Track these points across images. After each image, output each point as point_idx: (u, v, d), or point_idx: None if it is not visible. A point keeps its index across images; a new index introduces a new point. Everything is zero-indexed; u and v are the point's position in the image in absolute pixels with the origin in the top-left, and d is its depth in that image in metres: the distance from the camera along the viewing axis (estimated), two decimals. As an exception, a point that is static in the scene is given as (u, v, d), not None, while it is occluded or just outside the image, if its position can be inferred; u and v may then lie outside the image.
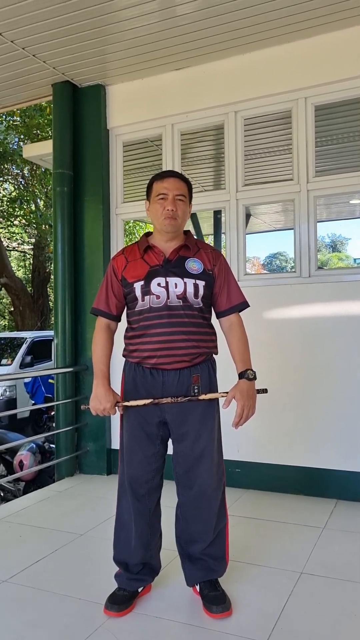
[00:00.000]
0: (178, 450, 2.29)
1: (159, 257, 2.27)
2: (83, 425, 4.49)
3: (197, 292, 2.23)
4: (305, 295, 3.81)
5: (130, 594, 2.32)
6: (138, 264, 2.28)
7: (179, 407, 2.22)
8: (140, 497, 2.29)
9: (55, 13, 3.45)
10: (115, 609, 2.26)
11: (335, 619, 2.21)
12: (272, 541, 3.01)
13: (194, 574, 2.33)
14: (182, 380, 2.22)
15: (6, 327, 19.23)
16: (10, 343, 10.15)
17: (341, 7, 3.41)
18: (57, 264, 4.47)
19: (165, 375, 2.22)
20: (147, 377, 2.24)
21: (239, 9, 3.41)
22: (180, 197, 2.25)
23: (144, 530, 2.31)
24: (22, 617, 2.28)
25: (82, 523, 3.33)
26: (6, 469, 5.40)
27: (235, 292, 2.34)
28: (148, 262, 2.27)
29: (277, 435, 3.86)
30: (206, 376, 2.27)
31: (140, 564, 2.33)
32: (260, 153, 5.74)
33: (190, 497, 2.28)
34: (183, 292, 2.21)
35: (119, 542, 2.37)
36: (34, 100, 4.89)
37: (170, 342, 2.19)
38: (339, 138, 5.44)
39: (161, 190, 2.25)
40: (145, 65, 4.13)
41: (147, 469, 2.28)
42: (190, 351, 2.22)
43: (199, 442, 2.24)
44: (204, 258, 2.30)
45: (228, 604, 2.25)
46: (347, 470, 3.64)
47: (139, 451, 2.28)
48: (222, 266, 2.33)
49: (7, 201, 13.47)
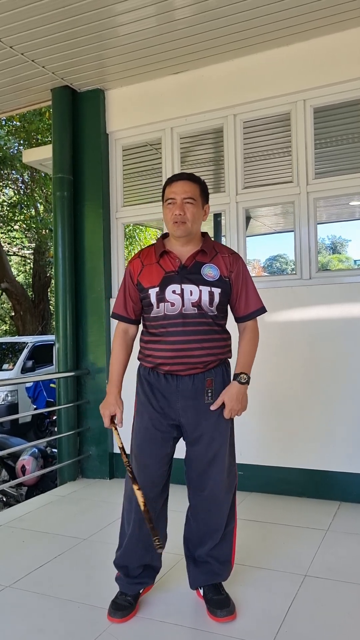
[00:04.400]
0: (191, 453, 2.28)
1: (175, 262, 2.23)
2: (85, 429, 4.48)
3: (212, 300, 2.20)
4: (307, 297, 3.81)
5: (132, 598, 2.32)
6: (154, 268, 2.25)
7: (194, 409, 2.22)
8: (150, 499, 2.26)
9: (53, 18, 3.46)
10: (118, 615, 2.25)
11: (340, 622, 2.20)
12: (276, 544, 3.00)
13: (198, 577, 2.33)
14: (197, 384, 2.22)
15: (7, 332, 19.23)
16: (12, 348, 10.16)
17: (339, 10, 3.42)
18: (58, 269, 4.47)
19: (180, 380, 2.22)
20: (162, 382, 2.24)
21: (237, 13, 3.41)
22: (189, 200, 2.19)
23: (147, 532, 2.28)
24: (25, 622, 2.28)
25: (85, 527, 3.32)
26: (9, 474, 5.40)
27: (253, 299, 2.31)
28: (164, 267, 2.23)
29: (279, 437, 3.86)
30: (220, 380, 2.26)
31: (140, 566, 2.32)
32: (260, 156, 5.75)
33: (201, 500, 2.28)
34: (198, 300, 2.19)
35: (121, 548, 2.36)
36: (34, 105, 4.90)
37: (184, 350, 2.19)
38: (338, 140, 5.45)
39: (169, 195, 2.22)
40: (144, 70, 4.14)
41: (159, 472, 2.28)
42: (204, 359, 2.21)
43: (212, 446, 2.24)
44: (221, 263, 2.25)
45: (232, 608, 2.24)
46: (350, 472, 3.63)
47: (151, 453, 2.27)
48: (240, 271, 2.29)
49: (7, 206, 13.49)
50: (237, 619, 2.22)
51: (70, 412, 4.45)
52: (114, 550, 2.41)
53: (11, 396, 9.03)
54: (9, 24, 3.52)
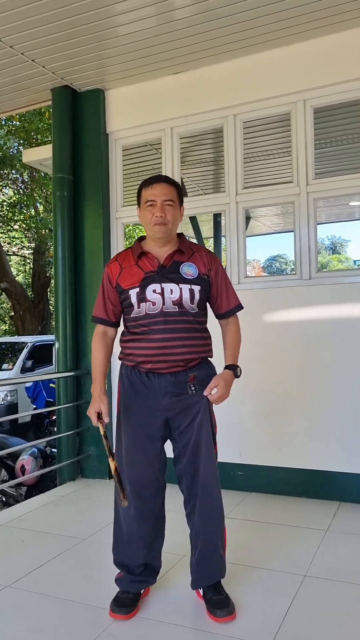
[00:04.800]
0: (180, 441, 2.30)
1: (154, 263, 2.28)
2: (85, 429, 4.48)
3: (192, 297, 2.25)
4: (306, 298, 3.81)
5: (134, 596, 2.33)
6: (133, 270, 2.28)
7: (178, 404, 2.25)
8: (145, 498, 2.28)
9: (53, 18, 3.46)
10: (122, 611, 2.26)
11: (340, 622, 2.20)
12: (275, 544, 3.00)
13: (201, 578, 2.31)
14: (179, 380, 2.25)
15: (7, 332, 19.23)
16: (11, 348, 10.16)
17: (339, 10, 3.42)
18: (58, 268, 4.47)
19: (162, 377, 2.25)
20: (144, 379, 2.27)
21: (237, 13, 3.42)
22: (169, 202, 2.25)
23: (147, 531, 2.31)
24: (25, 622, 2.27)
25: (84, 527, 3.32)
26: (8, 473, 5.39)
27: (232, 296, 2.40)
28: (142, 268, 2.27)
29: (279, 438, 3.86)
30: (203, 374, 2.29)
31: (142, 565, 2.33)
32: (260, 156, 5.75)
33: (194, 487, 2.28)
34: (179, 298, 2.23)
35: (119, 545, 2.37)
36: (33, 105, 4.90)
37: (166, 347, 2.22)
38: (338, 140, 5.45)
39: (149, 197, 2.26)
40: (144, 70, 4.14)
41: (151, 471, 2.29)
42: (186, 357, 2.24)
43: (200, 433, 2.26)
44: (199, 262, 2.31)
45: (232, 608, 2.24)
46: (349, 472, 3.63)
47: (140, 454, 2.28)
48: (219, 270, 2.36)
49: (7, 206, 13.49)
50: (237, 619, 2.22)
51: (70, 412, 4.45)
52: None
53: (11, 396, 9.03)
54: (8, 23, 3.52)
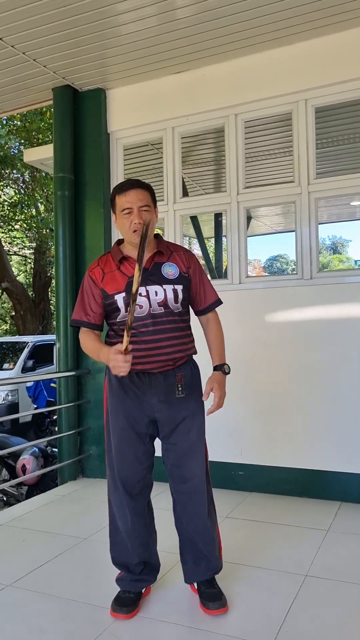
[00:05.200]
0: (168, 445, 2.33)
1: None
2: (85, 429, 4.48)
3: (176, 297, 2.29)
4: (307, 298, 3.81)
5: (135, 595, 2.35)
6: (116, 275, 2.29)
7: (167, 404, 2.28)
8: (134, 496, 2.33)
9: (55, 17, 3.46)
10: (124, 611, 2.28)
11: (341, 622, 2.20)
12: (276, 544, 3.00)
13: (194, 573, 2.37)
14: (169, 380, 2.29)
15: (8, 332, 19.23)
16: (12, 347, 10.16)
17: (340, 10, 3.42)
18: (59, 268, 4.47)
19: (152, 377, 2.28)
20: (134, 379, 2.29)
21: (238, 12, 3.41)
22: (145, 207, 2.25)
23: (141, 529, 2.35)
24: (26, 621, 2.28)
25: (85, 527, 3.32)
26: (9, 473, 5.40)
27: (210, 291, 2.45)
28: (125, 272, 2.29)
29: (280, 437, 3.85)
30: (189, 374, 2.35)
31: (140, 563, 2.36)
32: (261, 155, 5.74)
33: (183, 491, 2.32)
34: (164, 299, 2.26)
35: (116, 545, 2.40)
36: (35, 105, 4.90)
37: (155, 348, 2.25)
38: (339, 140, 5.44)
39: (125, 205, 2.25)
40: (145, 69, 4.14)
41: (139, 468, 2.32)
42: (175, 355, 2.29)
43: (189, 436, 2.30)
44: (178, 261, 2.35)
45: (224, 601, 2.29)
46: (350, 472, 3.63)
47: (129, 451, 2.31)
48: (196, 267, 2.41)
49: (8, 205, 13.49)
50: (238, 618, 2.22)
51: (71, 412, 4.45)
52: (114, 549, 2.42)
53: (12, 396, 9.04)
54: (10, 23, 3.52)
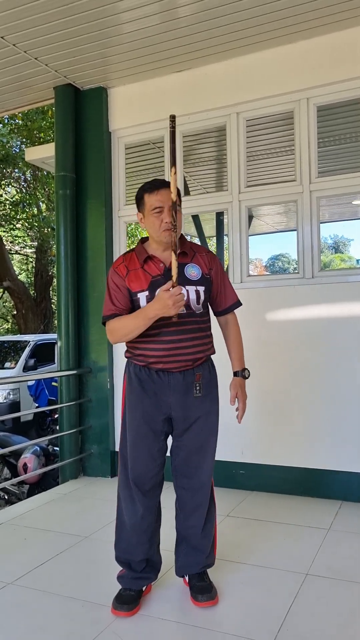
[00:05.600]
0: (180, 442, 2.36)
1: (160, 266, 2.32)
2: (87, 427, 4.49)
3: (198, 298, 2.32)
4: (309, 297, 3.80)
5: (136, 593, 2.36)
6: (139, 273, 2.31)
7: (184, 403, 2.30)
8: (146, 492, 2.34)
9: (56, 16, 3.46)
10: (125, 608, 2.29)
11: (341, 620, 2.20)
12: (277, 543, 3.00)
13: (185, 566, 2.41)
14: (187, 379, 2.30)
15: (9, 331, 19.25)
16: (14, 346, 10.16)
17: (342, 8, 3.41)
18: (60, 267, 4.47)
19: (171, 375, 2.30)
20: (153, 377, 2.31)
21: (240, 11, 3.41)
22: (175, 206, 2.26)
23: (151, 525, 2.37)
24: (27, 620, 2.28)
25: (86, 525, 3.33)
26: (10, 472, 5.40)
27: (230, 293, 2.48)
28: (149, 272, 2.31)
29: (281, 436, 3.86)
30: (207, 374, 2.37)
31: (143, 560, 2.37)
32: (263, 154, 5.74)
33: (187, 487, 2.37)
34: (186, 300, 2.28)
35: (121, 541, 2.41)
36: (36, 104, 4.90)
37: (177, 348, 2.27)
38: (341, 138, 5.44)
39: (156, 203, 2.27)
40: (147, 68, 4.14)
41: (153, 465, 2.34)
42: (195, 356, 2.31)
43: (200, 435, 2.34)
44: (201, 262, 2.37)
45: (214, 594, 2.33)
46: (351, 471, 3.63)
47: (144, 448, 2.32)
48: (218, 268, 2.43)
49: (10, 204, 13.49)
50: (239, 617, 2.23)
51: (72, 411, 4.46)
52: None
53: (13, 394, 9.04)
54: (11, 22, 3.52)
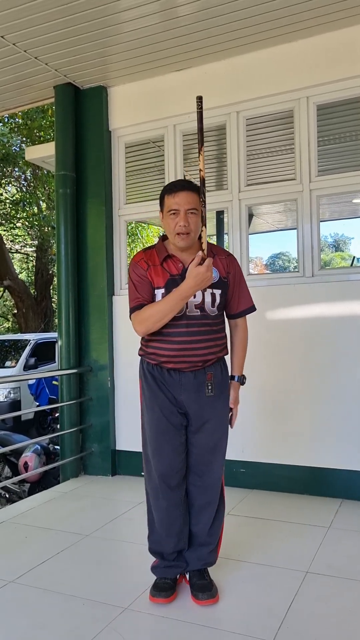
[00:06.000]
0: (193, 441, 2.38)
1: (178, 266, 2.32)
2: (87, 426, 4.49)
3: (214, 301, 2.32)
4: (309, 295, 3.81)
5: (172, 581, 2.41)
6: (158, 270, 2.32)
7: (196, 402, 2.33)
8: (173, 487, 2.36)
9: (56, 15, 3.46)
10: (162, 595, 2.35)
11: (341, 618, 2.21)
12: (278, 541, 3.01)
13: (188, 562, 2.42)
14: (199, 378, 2.33)
15: (10, 329, 19.25)
16: (14, 345, 10.16)
17: (342, 7, 3.41)
18: (60, 266, 4.48)
19: (182, 375, 2.32)
20: (165, 376, 2.34)
21: (239, 10, 3.41)
22: (192, 210, 2.25)
23: (177, 519, 2.38)
24: (28, 617, 2.29)
25: (87, 524, 3.33)
26: (11, 470, 5.41)
27: (245, 297, 2.47)
28: (167, 270, 2.32)
29: (281, 435, 3.86)
30: (219, 374, 2.38)
31: (174, 552, 2.41)
32: (263, 153, 5.74)
33: (198, 485, 2.39)
34: (201, 302, 2.29)
35: (153, 534, 2.45)
36: (36, 103, 4.90)
37: (187, 349, 2.29)
38: (341, 137, 5.43)
39: (172, 205, 2.27)
40: (147, 67, 4.14)
41: (177, 460, 2.36)
42: (205, 357, 2.33)
43: (214, 435, 2.37)
44: (219, 265, 2.36)
45: (214, 592, 2.34)
46: (352, 469, 3.64)
47: (167, 443, 2.34)
48: (237, 272, 2.42)
49: (10, 203, 13.49)
50: (239, 615, 2.23)
51: (73, 409, 4.46)
52: (116, 546, 2.44)
53: (14, 393, 9.05)
54: (11, 21, 3.52)
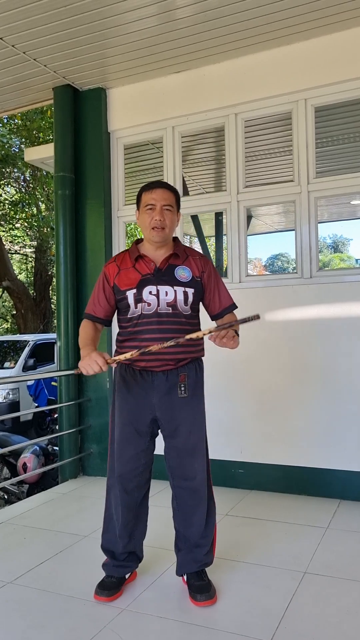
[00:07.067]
0: (171, 445, 2.40)
1: (150, 266, 2.37)
2: (86, 427, 4.50)
3: (186, 299, 2.35)
4: (307, 296, 3.82)
5: (118, 580, 2.45)
6: (130, 272, 2.37)
7: (168, 403, 2.34)
8: (129, 491, 2.41)
9: (55, 17, 3.47)
10: (105, 594, 2.39)
11: (339, 619, 2.22)
12: (276, 541, 3.02)
13: (184, 565, 2.44)
14: (171, 379, 2.34)
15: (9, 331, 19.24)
16: (13, 346, 10.15)
17: (340, 9, 3.42)
18: (59, 267, 4.48)
19: (154, 375, 2.34)
20: (137, 377, 2.36)
21: (238, 12, 3.42)
22: (168, 207, 2.34)
23: (129, 521, 2.43)
24: (27, 618, 2.29)
25: (86, 525, 3.34)
26: (10, 471, 5.41)
27: (225, 296, 2.48)
28: (139, 270, 2.36)
29: (279, 436, 3.87)
30: (192, 375, 2.39)
31: (125, 552, 2.45)
32: (261, 154, 5.75)
33: (183, 488, 2.40)
34: (173, 300, 2.32)
35: (107, 532, 2.49)
36: (35, 104, 4.91)
37: None
38: (339, 139, 5.45)
39: (149, 200, 2.34)
40: (146, 68, 4.15)
41: (137, 464, 2.40)
42: (177, 356, 2.34)
43: (190, 438, 2.38)
44: (193, 265, 2.41)
45: (212, 593, 2.35)
46: (350, 470, 3.65)
47: (129, 447, 2.38)
48: (211, 272, 2.45)
49: (9, 204, 13.49)
50: (238, 615, 2.24)
51: (72, 410, 4.47)
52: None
53: (12, 394, 9.04)
54: (10, 22, 3.53)
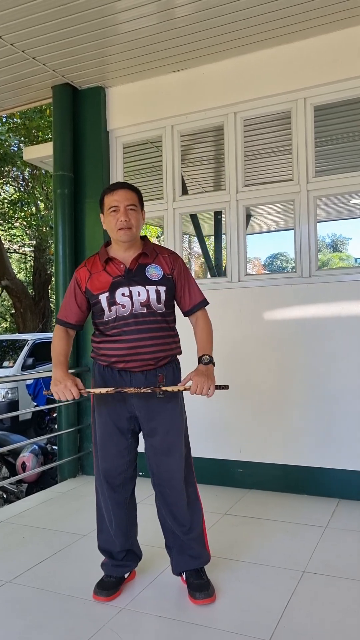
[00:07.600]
0: (148, 445, 2.42)
1: (120, 267, 2.37)
2: (85, 426, 4.50)
3: (159, 298, 2.35)
4: (306, 295, 3.82)
5: (117, 579, 2.45)
6: (101, 276, 2.38)
7: (147, 404, 2.35)
8: (116, 487, 2.41)
9: (54, 16, 3.46)
10: (104, 594, 2.39)
11: (338, 618, 2.22)
12: (275, 540, 3.02)
13: (178, 564, 2.45)
14: (149, 380, 2.35)
15: (8, 330, 19.24)
16: (12, 345, 10.15)
17: (339, 8, 3.42)
18: (58, 266, 4.48)
19: (133, 376, 2.35)
20: (116, 377, 2.37)
21: (237, 10, 3.41)
22: (132, 207, 2.34)
23: (122, 519, 2.44)
24: (26, 618, 2.29)
25: (84, 524, 3.33)
26: (9, 470, 5.41)
27: (195, 292, 2.47)
28: (110, 273, 2.37)
29: (278, 435, 3.87)
30: (170, 375, 2.40)
31: (123, 551, 2.45)
32: (260, 154, 5.75)
33: (163, 485, 2.41)
34: (146, 300, 2.33)
35: (102, 532, 2.50)
36: (34, 103, 4.90)
37: (137, 347, 2.32)
38: (338, 138, 5.45)
39: (112, 203, 2.34)
40: (145, 67, 4.14)
41: (121, 462, 2.40)
42: (156, 355, 2.35)
43: (167, 438, 2.38)
44: (163, 263, 2.41)
45: (211, 591, 2.36)
46: (348, 469, 3.65)
47: (111, 445, 2.39)
48: (181, 269, 2.45)
49: (8, 203, 13.49)
50: (237, 614, 2.24)
51: (71, 409, 4.47)
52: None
53: (11, 393, 9.03)
54: (9, 21, 3.52)
